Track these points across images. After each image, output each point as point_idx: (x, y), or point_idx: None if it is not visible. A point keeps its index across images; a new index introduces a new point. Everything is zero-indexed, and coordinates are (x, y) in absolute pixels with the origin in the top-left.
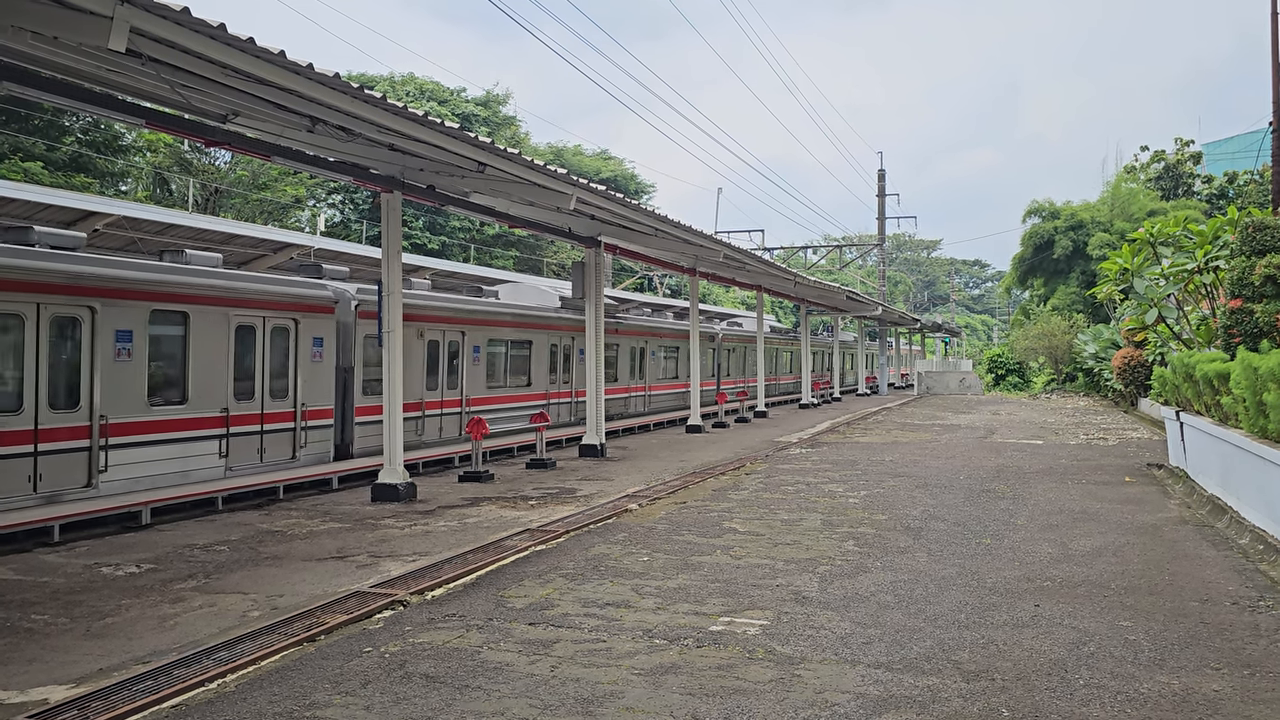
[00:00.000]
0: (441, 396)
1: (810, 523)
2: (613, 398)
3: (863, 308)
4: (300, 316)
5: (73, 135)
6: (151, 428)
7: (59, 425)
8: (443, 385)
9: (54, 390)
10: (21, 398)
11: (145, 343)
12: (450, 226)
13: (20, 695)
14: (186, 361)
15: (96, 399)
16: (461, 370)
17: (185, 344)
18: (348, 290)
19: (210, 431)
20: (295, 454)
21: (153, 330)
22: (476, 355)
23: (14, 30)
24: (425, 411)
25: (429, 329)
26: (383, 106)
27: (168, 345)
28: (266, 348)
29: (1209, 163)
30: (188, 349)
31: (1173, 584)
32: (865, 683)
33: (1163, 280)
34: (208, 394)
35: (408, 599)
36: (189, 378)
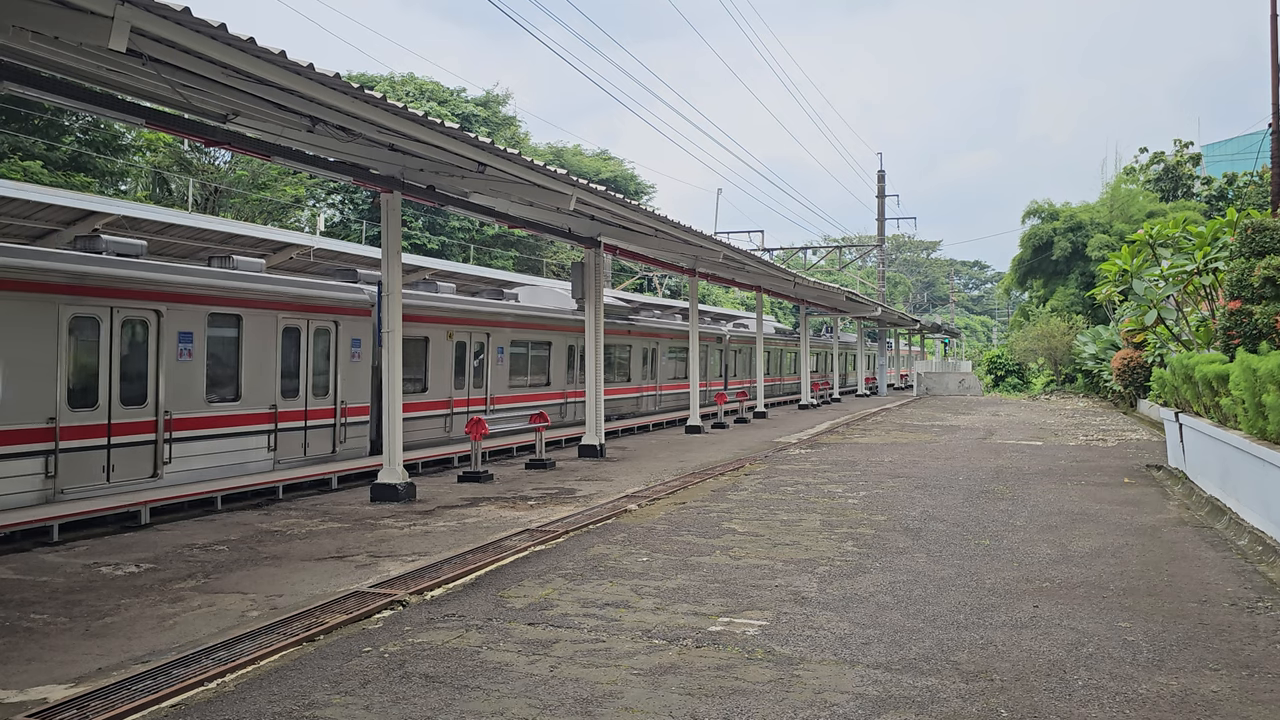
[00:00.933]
0: (468, 395)
1: (809, 523)
2: (625, 397)
3: (862, 309)
4: (340, 319)
5: (72, 135)
6: (210, 423)
7: (129, 420)
8: (469, 384)
9: (125, 388)
10: (97, 395)
11: (204, 344)
12: (450, 226)
13: (19, 694)
14: (240, 361)
15: (161, 396)
16: (486, 370)
17: (239, 345)
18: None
19: (261, 427)
20: (335, 449)
21: (210, 332)
22: (500, 356)
23: (15, 30)
24: (453, 409)
25: (457, 330)
26: (383, 107)
27: (223, 346)
28: (310, 348)
29: (1208, 164)
30: (241, 350)
31: (1171, 585)
32: (864, 683)
33: (1162, 282)
34: (259, 392)
35: (407, 599)
36: (242, 376)
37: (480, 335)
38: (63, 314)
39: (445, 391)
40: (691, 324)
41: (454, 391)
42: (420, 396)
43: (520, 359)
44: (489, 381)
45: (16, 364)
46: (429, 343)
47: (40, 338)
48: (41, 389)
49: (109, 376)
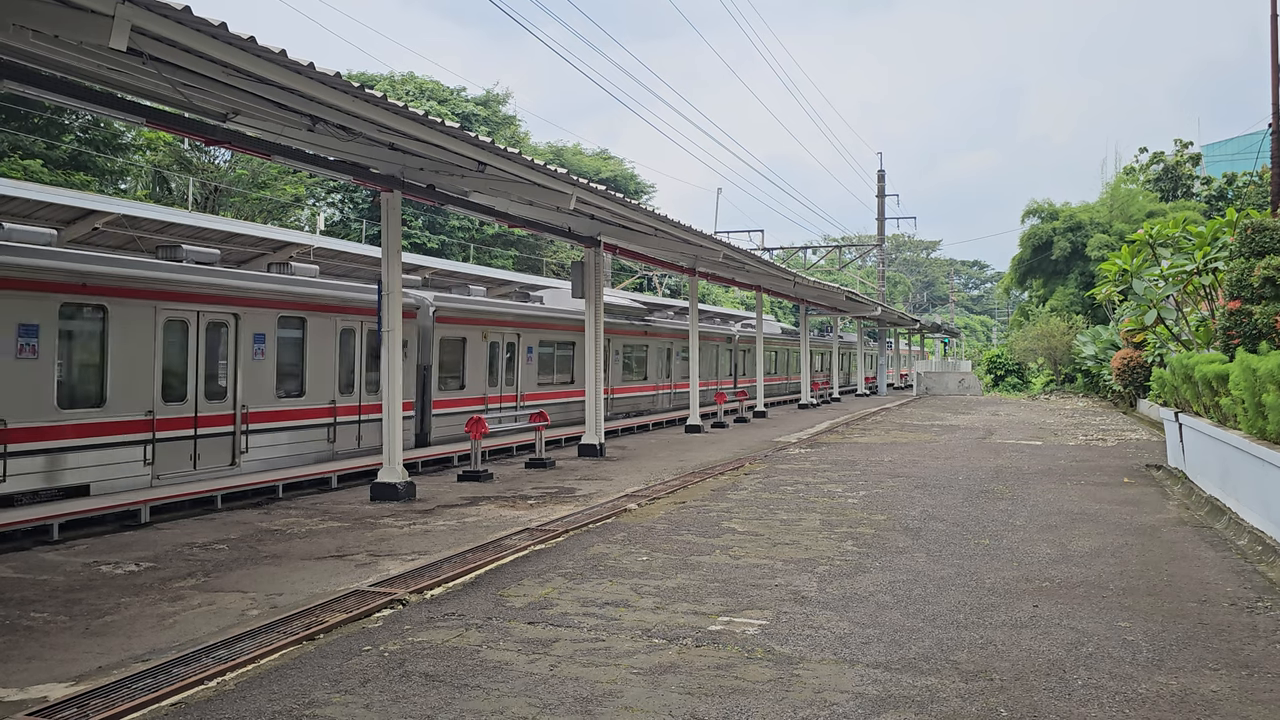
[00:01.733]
0: (501, 392)
1: (809, 523)
2: (643, 395)
3: (862, 308)
4: None
5: (72, 133)
6: (279, 416)
7: (213, 414)
8: (501, 382)
9: (209, 384)
10: (186, 390)
11: (275, 344)
12: (450, 226)
13: (20, 693)
14: (304, 360)
15: (239, 391)
16: (518, 368)
17: (303, 345)
18: (426, 298)
19: (321, 420)
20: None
21: (280, 333)
22: (530, 355)
23: (15, 29)
24: (488, 405)
25: (491, 331)
26: (383, 106)
27: (290, 346)
28: (363, 348)
29: (1208, 164)
30: (305, 350)
31: (1171, 585)
32: (864, 682)
33: (1162, 281)
34: (320, 388)
35: (407, 598)
36: (306, 374)
37: (511, 336)
38: (159, 317)
39: (481, 389)
40: (691, 324)
41: (488, 389)
42: (459, 394)
43: (547, 358)
44: (519, 379)
45: (125, 363)
46: (466, 343)
47: (142, 339)
48: (142, 385)
49: (195, 374)
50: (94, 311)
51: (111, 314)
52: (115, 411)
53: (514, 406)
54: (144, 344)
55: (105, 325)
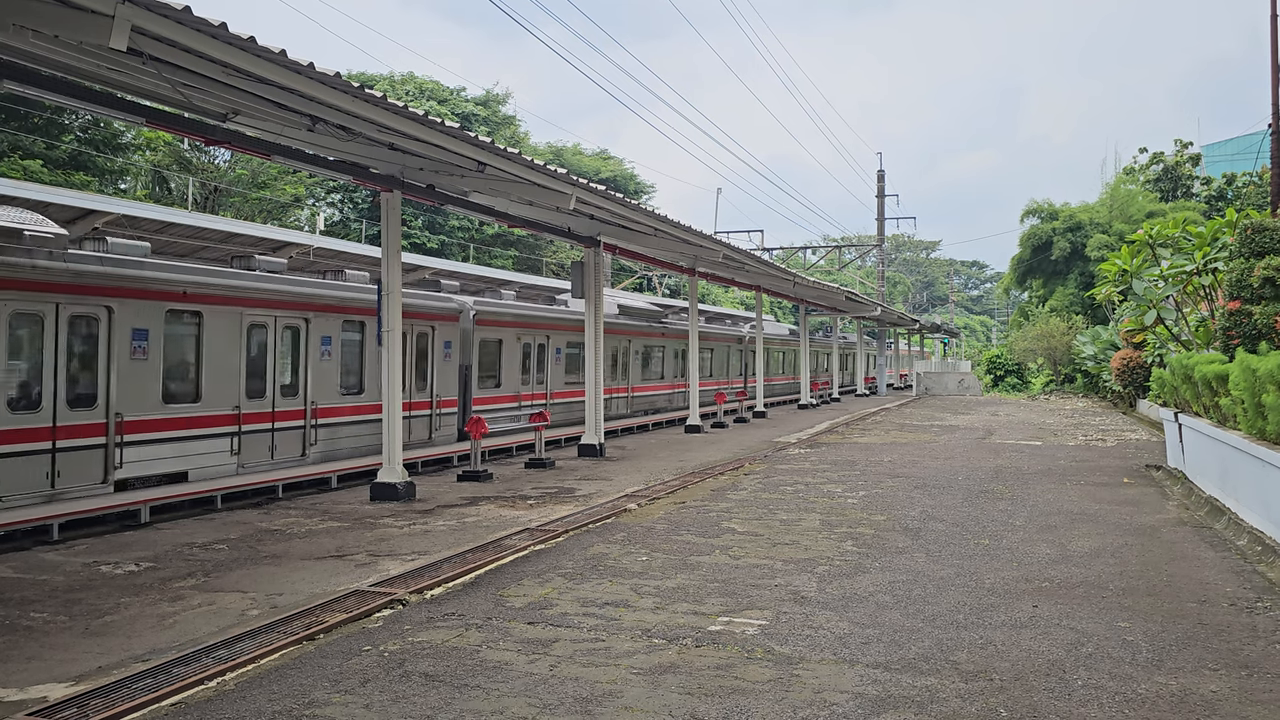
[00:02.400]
0: (532, 390)
1: (809, 523)
2: (659, 393)
3: (861, 308)
4: (435, 324)
5: (72, 133)
6: (342, 411)
7: (287, 409)
8: (533, 380)
9: (284, 381)
10: (265, 387)
11: (339, 345)
12: (449, 226)
13: (19, 693)
14: (363, 360)
15: (310, 389)
16: (548, 368)
17: (361, 347)
18: (467, 302)
19: (375, 416)
20: (430, 436)
21: (343, 336)
22: (558, 355)
23: (15, 29)
24: (521, 402)
25: (524, 334)
26: (383, 106)
27: (351, 348)
28: (413, 350)
29: (1208, 164)
30: (363, 350)
31: (1170, 585)
32: (863, 683)
33: (1161, 282)
34: (375, 385)
35: (407, 598)
36: (364, 372)
37: (541, 338)
38: (244, 322)
39: (515, 386)
40: (691, 324)
41: (521, 387)
42: (495, 391)
43: (574, 358)
44: (549, 378)
45: (216, 363)
46: (502, 344)
47: (231, 342)
48: (230, 383)
49: (273, 373)
50: (192, 317)
51: (206, 319)
52: (209, 407)
53: (544, 404)
54: (232, 346)
55: (200, 329)
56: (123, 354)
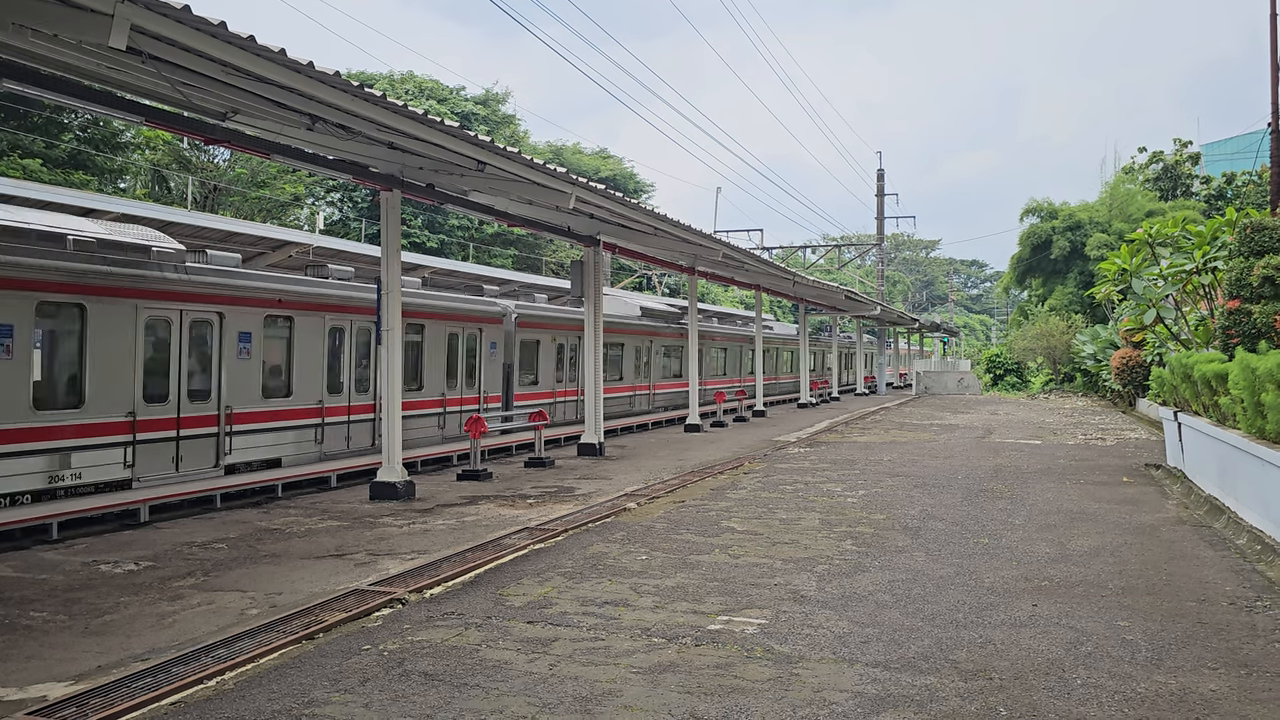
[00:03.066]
0: (565, 387)
1: (808, 522)
2: (680, 390)
3: (861, 307)
4: (484, 326)
5: (72, 132)
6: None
7: (360, 403)
8: (566, 379)
9: (359, 378)
10: (343, 383)
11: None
12: (449, 225)
13: (19, 692)
14: (421, 359)
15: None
16: (579, 366)
17: (421, 348)
18: (509, 305)
19: (433, 410)
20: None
21: (407, 338)
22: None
23: (15, 28)
24: (556, 398)
25: (559, 335)
26: (382, 105)
27: (412, 348)
28: (464, 349)
29: (1207, 163)
30: (422, 351)
31: (1170, 584)
32: (863, 682)
33: (1161, 281)
34: (434, 383)
35: (406, 597)
36: (424, 371)
37: (574, 339)
38: (326, 324)
39: (550, 384)
40: (691, 323)
41: (555, 384)
42: (533, 388)
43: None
44: (580, 376)
45: (306, 361)
46: (539, 345)
47: (316, 343)
48: (316, 379)
49: (350, 370)
50: (285, 321)
51: (296, 323)
52: (298, 400)
53: (576, 400)
54: (316, 347)
55: (291, 332)
56: (230, 354)
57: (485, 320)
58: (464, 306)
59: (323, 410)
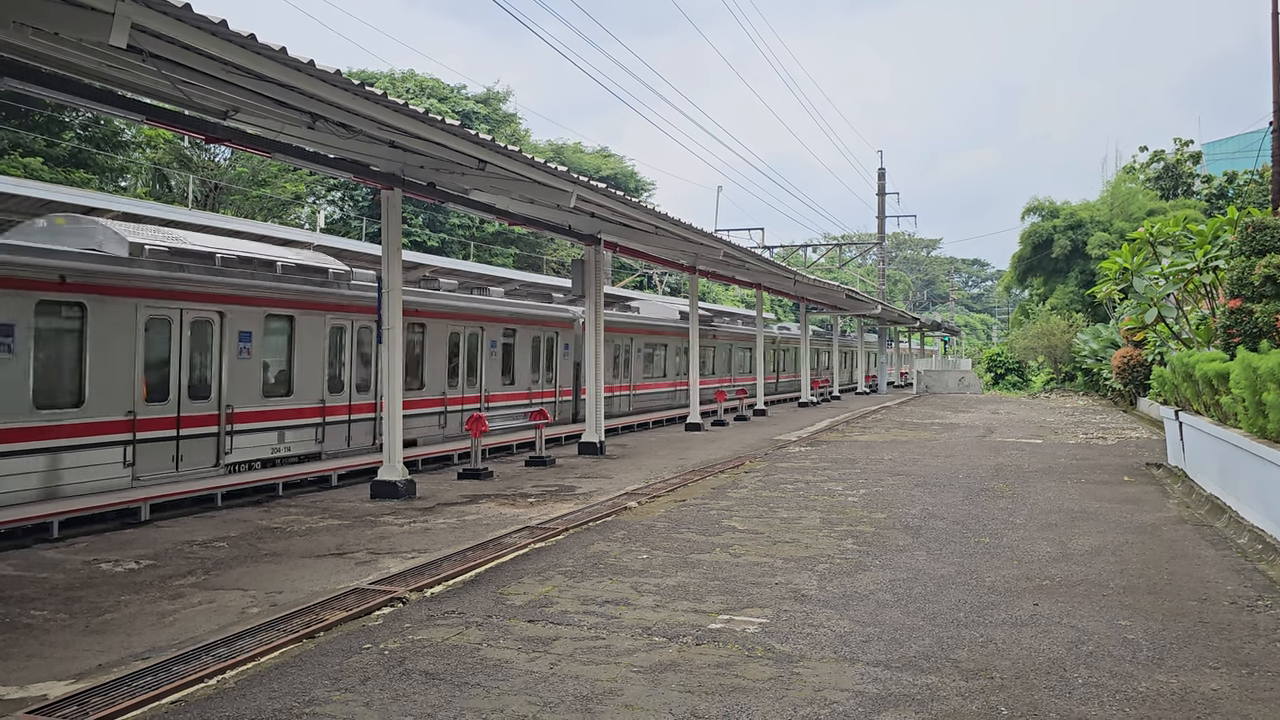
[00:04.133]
0: (618, 383)
1: (809, 521)
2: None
3: (862, 306)
4: (559, 330)
5: (73, 131)
6: (501, 399)
7: (464, 396)
8: (619, 375)
9: (468, 375)
10: (459, 381)
11: (500, 347)
12: (450, 224)
13: (20, 691)
14: (514, 358)
15: (484, 380)
16: (631, 365)
17: (513, 349)
18: (578, 311)
19: (521, 403)
20: (553, 418)
21: (502, 340)
22: (639, 354)
23: (15, 26)
24: (614, 393)
25: (617, 337)
26: (383, 103)
27: (506, 350)
28: (544, 350)
29: (1208, 162)
30: (514, 351)
31: (1171, 583)
32: (864, 681)
33: (1162, 280)
34: (523, 379)
35: (407, 596)
36: (515, 368)
37: (625, 340)
38: (448, 330)
39: (609, 379)
40: (691, 323)
41: (613, 379)
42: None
43: (647, 356)
44: (631, 373)
45: (434, 360)
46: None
47: (439, 345)
48: (440, 376)
49: (463, 368)
50: (420, 327)
51: (428, 328)
52: (429, 392)
53: (628, 395)
54: (439, 349)
55: (424, 336)
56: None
57: (559, 325)
58: (541, 313)
59: (445, 401)
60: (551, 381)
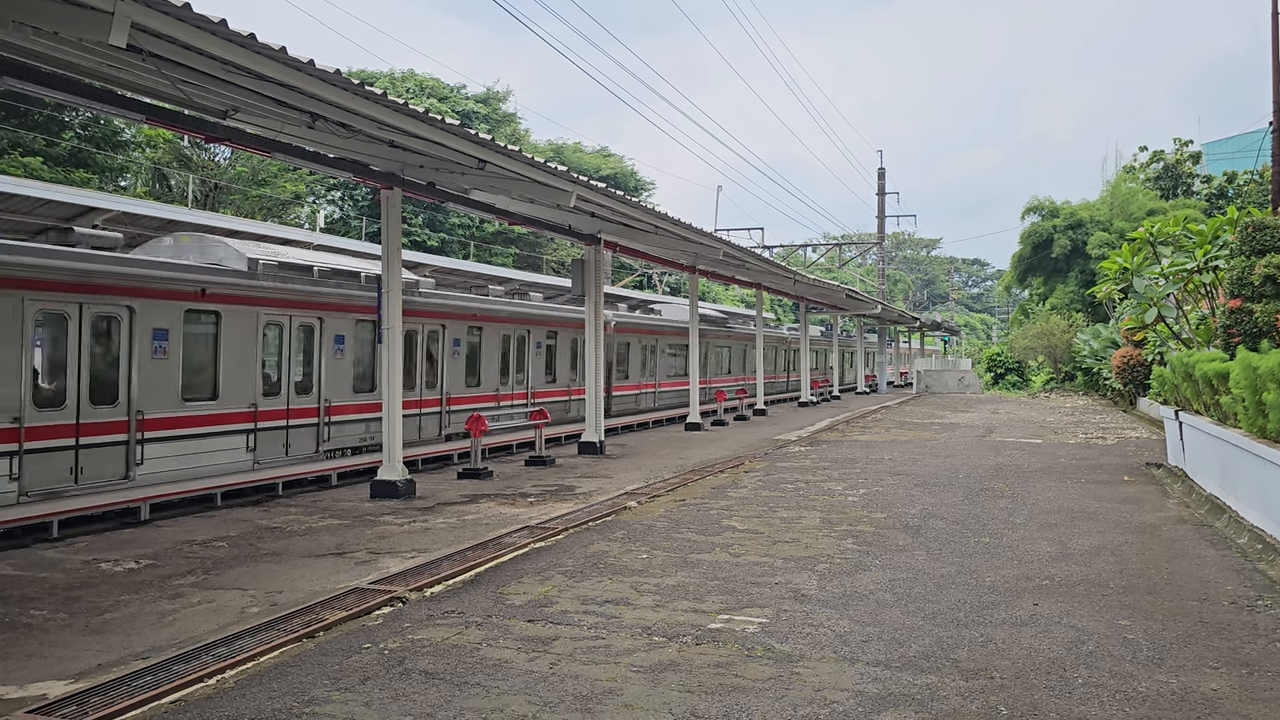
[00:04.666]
0: (645, 381)
1: (809, 521)
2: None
3: (862, 306)
4: None
5: (72, 131)
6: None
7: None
8: (647, 374)
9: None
10: (507, 377)
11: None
12: (450, 223)
13: (19, 690)
14: (555, 359)
15: (530, 378)
16: (656, 365)
17: (554, 350)
18: (610, 315)
19: (562, 398)
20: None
21: (545, 342)
22: (664, 355)
23: (15, 25)
24: (641, 390)
25: (644, 339)
26: (383, 103)
27: (548, 351)
28: (579, 351)
29: (1208, 162)
30: (555, 353)
31: (1171, 583)
32: (864, 681)
33: (1162, 280)
34: (562, 377)
35: (407, 596)
36: (556, 367)
37: (651, 342)
38: (501, 333)
39: (636, 378)
40: (691, 322)
41: (640, 378)
42: (625, 382)
43: (675, 358)
44: (657, 373)
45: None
46: (630, 347)
47: (494, 347)
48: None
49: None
50: (476, 330)
51: (485, 331)
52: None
53: (654, 393)
54: (494, 351)
55: (480, 339)
56: (448, 354)
57: None
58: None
59: (498, 397)
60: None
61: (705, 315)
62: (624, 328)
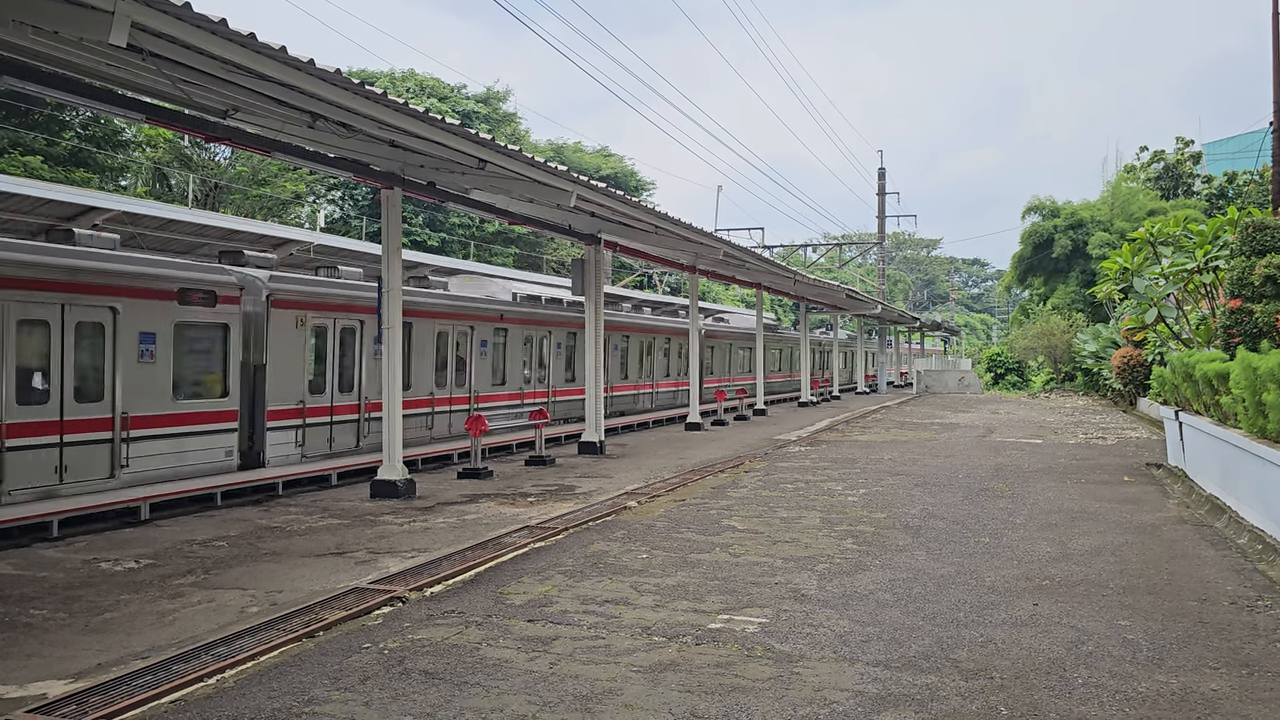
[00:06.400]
0: (665, 379)
1: (809, 521)
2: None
3: (862, 306)
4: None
5: (73, 130)
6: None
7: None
8: (669, 374)
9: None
10: (575, 374)
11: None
12: (450, 223)
13: (19, 690)
14: (627, 359)
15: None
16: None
17: (626, 351)
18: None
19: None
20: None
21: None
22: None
23: (15, 25)
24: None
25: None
26: (383, 103)
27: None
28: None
29: (1209, 162)
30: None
31: (1171, 583)
32: (864, 681)
33: (1162, 280)
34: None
35: (406, 595)
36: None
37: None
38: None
39: (660, 376)
40: (691, 322)
41: (663, 377)
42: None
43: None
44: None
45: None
46: (654, 347)
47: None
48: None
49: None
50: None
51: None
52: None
53: (671, 392)
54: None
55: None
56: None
57: (674, 333)
58: (675, 325)
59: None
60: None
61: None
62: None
